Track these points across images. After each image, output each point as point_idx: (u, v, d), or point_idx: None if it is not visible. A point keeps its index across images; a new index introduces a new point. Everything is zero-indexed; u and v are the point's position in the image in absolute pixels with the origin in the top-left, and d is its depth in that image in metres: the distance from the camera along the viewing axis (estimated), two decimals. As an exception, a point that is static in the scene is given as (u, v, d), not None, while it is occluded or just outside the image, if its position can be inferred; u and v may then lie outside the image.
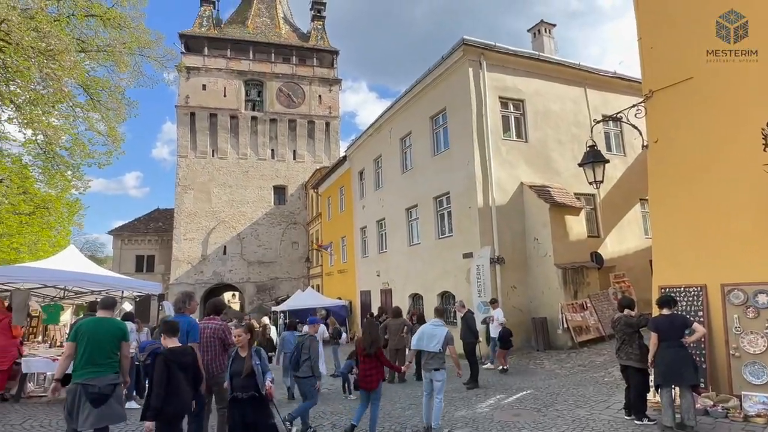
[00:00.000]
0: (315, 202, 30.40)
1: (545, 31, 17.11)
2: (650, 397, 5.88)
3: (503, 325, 10.13)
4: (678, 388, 5.24)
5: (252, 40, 33.27)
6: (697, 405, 5.40)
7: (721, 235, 5.97)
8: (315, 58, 34.58)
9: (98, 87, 12.72)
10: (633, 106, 7.26)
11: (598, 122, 9.24)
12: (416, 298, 16.24)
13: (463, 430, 5.99)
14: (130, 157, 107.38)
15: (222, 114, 31.95)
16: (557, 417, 6.18)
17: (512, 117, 13.68)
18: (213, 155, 31.80)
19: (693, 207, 6.33)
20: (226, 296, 40.01)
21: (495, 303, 11.01)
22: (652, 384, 5.69)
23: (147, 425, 3.79)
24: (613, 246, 13.88)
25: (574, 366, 9.71)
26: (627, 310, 5.89)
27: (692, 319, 5.78)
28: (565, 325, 11.36)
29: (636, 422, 5.51)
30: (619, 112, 7.73)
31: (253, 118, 32.68)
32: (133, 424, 6.08)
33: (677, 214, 6.54)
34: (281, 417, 5.28)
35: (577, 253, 12.40)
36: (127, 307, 12.79)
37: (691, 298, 6.24)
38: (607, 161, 8.26)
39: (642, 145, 7.43)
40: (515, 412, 6.62)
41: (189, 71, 31.15)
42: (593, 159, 7.89)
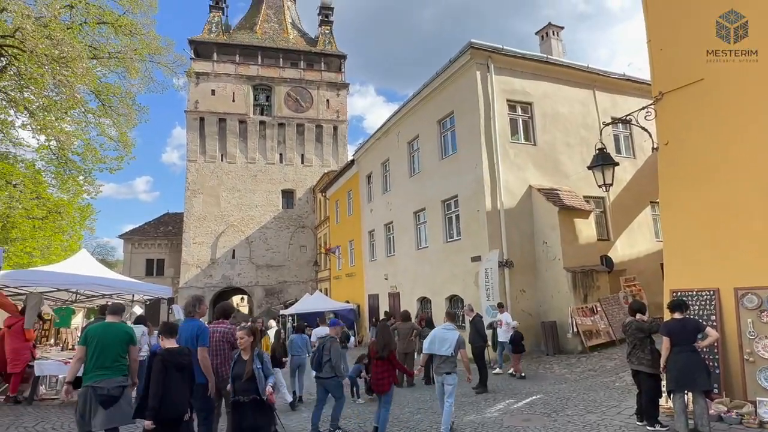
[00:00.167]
0: (323, 205, 30.50)
1: (553, 34, 17.06)
2: (663, 402, 5.79)
3: (515, 329, 10.06)
4: (691, 394, 5.17)
5: (260, 45, 33.56)
6: (711, 411, 5.31)
7: (733, 237, 5.88)
8: (323, 63, 34.79)
9: (109, 93, 12.92)
10: (643, 108, 7.20)
11: (607, 125, 9.17)
12: (424, 302, 16.19)
13: (473, 435, 5.95)
14: (140, 162, 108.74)
15: (231, 119, 32.23)
16: (568, 422, 6.12)
17: (520, 120, 13.64)
18: (222, 159, 32.06)
19: (705, 209, 6.25)
20: (235, 300, 40.22)
21: (502, 307, 10.94)
22: (664, 389, 5.61)
23: (146, 424, 3.86)
24: (624, 249, 13.74)
25: (584, 370, 9.61)
26: (639, 315, 5.81)
27: (705, 323, 5.70)
28: (575, 329, 11.26)
29: (648, 428, 5.43)
30: (628, 115, 7.68)
31: (262, 122, 32.91)
32: (143, 426, 6.12)
33: (689, 217, 6.47)
34: (281, 422, 5.26)
35: (587, 256, 12.29)
36: (137, 310, 12.89)
37: (703, 302, 6.15)
38: (617, 164, 8.21)
39: (652, 148, 7.36)
40: (525, 417, 6.56)
41: (198, 77, 31.47)
42: (602, 162, 7.84)
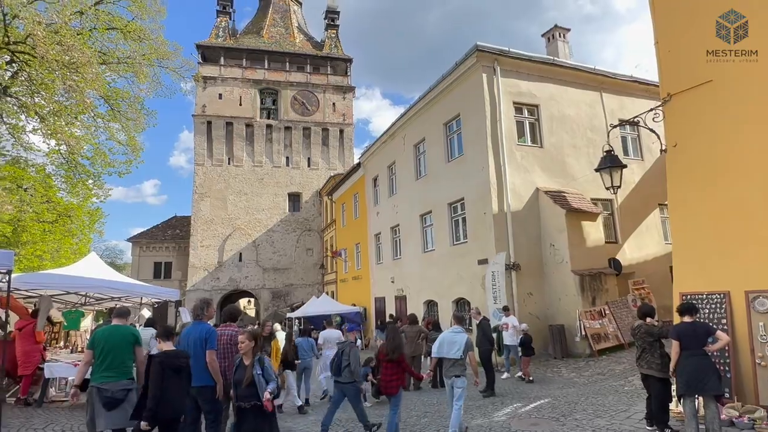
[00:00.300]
0: (329, 208, 30.56)
1: (559, 36, 17.03)
2: (673, 407, 5.73)
3: (525, 332, 10.01)
4: (702, 399, 5.11)
5: (267, 49, 33.77)
6: (722, 416, 5.24)
7: (744, 240, 5.82)
8: (329, 67, 34.92)
9: (118, 98, 13.07)
10: (651, 110, 7.17)
11: (615, 126, 9.12)
12: (431, 305, 16.16)
13: (480, 439, 5.92)
14: (148, 166, 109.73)
15: (238, 122, 32.42)
16: (576, 426, 6.07)
17: (527, 122, 13.60)
18: (229, 163, 32.25)
19: (715, 211, 6.19)
20: (242, 303, 40.35)
21: (507, 310, 10.88)
22: (674, 393, 5.55)
23: (142, 425, 3.91)
24: (632, 252, 13.64)
25: (592, 374, 9.54)
26: (649, 319, 5.76)
27: (715, 327, 5.63)
28: (583, 333, 11.18)
29: (658, 433, 5.38)
30: (636, 116, 7.64)
31: (268, 126, 33.08)
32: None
33: (698, 219, 6.41)
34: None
35: (595, 259, 12.21)
36: (145, 313, 12.99)
37: (713, 306, 6.08)
38: (625, 166, 8.16)
39: (660, 150, 7.31)
40: (533, 422, 6.51)
41: (206, 81, 31.70)
42: (610, 164, 7.80)
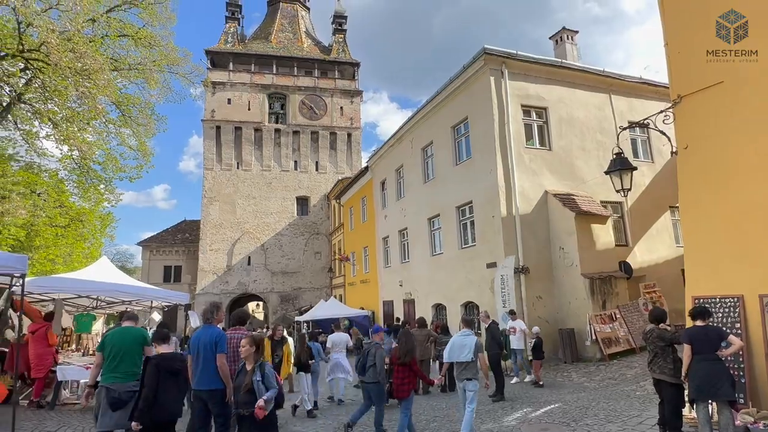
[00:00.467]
0: (337, 212, 30.64)
1: (567, 38, 16.96)
2: (686, 412, 5.65)
3: (537, 336, 9.94)
4: (715, 404, 5.03)
5: (275, 54, 34.04)
6: (737, 422, 5.16)
7: (757, 242, 5.73)
8: (336, 71, 35.11)
9: (129, 103, 13.27)
10: (661, 111, 7.10)
11: (624, 128, 9.07)
12: (439, 309, 16.10)
13: (490, 443, 5.88)
14: (158, 171, 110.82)
15: (246, 127, 32.68)
16: (587, 432, 6.01)
17: (535, 125, 13.55)
18: (238, 167, 32.49)
19: (727, 214, 6.11)
20: (251, 306, 40.51)
21: (514, 314, 10.79)
22: (687, 399, 5.47)
23: (133, 425, 3.97)
24: (643, 255, 13.50)
25: (603, 379, 9.43)
26: (662, 324, 5.69)
27: (728, 331, 5.55)
28: (593, 337, 11.06)
29: (671, 439, 5.30)
30: (646, 118, 7.58)
31: (277, 130, 33.30)
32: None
33: (710, 222, 6.33)
34: None
35: (605, 262, 12.10)
36: (156, 317, 13.10)
37: (727, 309, 5.99)
38: (635, 168, 8.09)
39: (671, 152, 7.24)
40: (543, 426, 6.46)
41: (215, 86, 32.02)
42: (620, 166, 7.74)
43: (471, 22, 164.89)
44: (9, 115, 12.27)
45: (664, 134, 7.45)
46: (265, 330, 16.80)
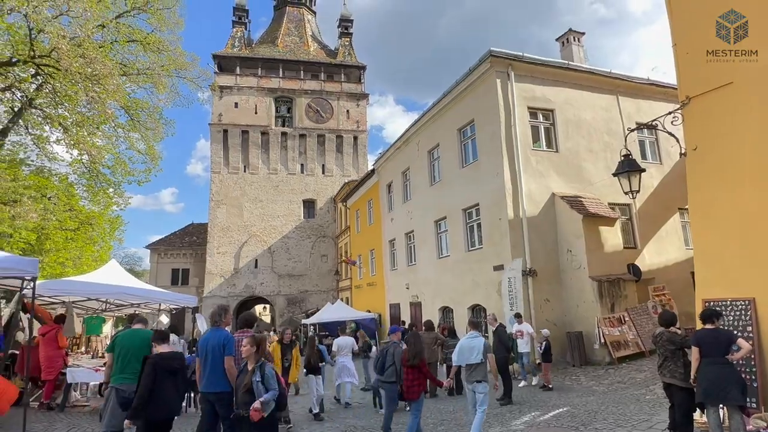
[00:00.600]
0: (344, 215, 30.69)
1: (574, 40, 16.90)
2: (697, 417, 5.58)
3: (547, 338, 9.87)
4: (726, 408, 4.96)
5: (282, 58, 34.25)
6: (749, 426, 5.08)
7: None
8: (343, 74, 35.24)
9: (138, 108, 13.41)
10: (669, 113, 7.05)
11: (632, 130, 8.99)
12: (446, 311, 16.05)
13: (498, 447, 5.85)
14: (166, 174, 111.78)
15: (253, 130, 32.87)
16: (596, 436, 5.95)
17: (542, 127, 13.50)
18: (245, 171, 32.68)
19: (737, 216, 6.04)
20: (258, 309, 40.67)
21: (520, 317, 10.71)
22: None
23: (126, 422, 4.09)
24: (652, 257, 13.37)
25: (612, 382, 9.35)
26: (672, 327, 5.62)
27: (739, 334, 5.47)
28: (602, 340, 10.97)
29: (682, 443, 5.23)
30: (654, 120, 7.52)
31: (283, 133, 33.46)
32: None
33: (720, 224, 6.26)
34: None
35: (613, 264, 12.00)
36: (164, 319, 13.18)
37: (738, 312, 5.91)
38: (643, 170, 8.03)
39: (680, 153, 7.18)
40: (552, 431, 6.41)
41: (222, 90, 32.28)
42: (628, 168, 7.68)
43: (476, 24, 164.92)
44: (20, 120, 12.45)
45: (672, 135, 7.39)
46: (272, 333, 16.82)
